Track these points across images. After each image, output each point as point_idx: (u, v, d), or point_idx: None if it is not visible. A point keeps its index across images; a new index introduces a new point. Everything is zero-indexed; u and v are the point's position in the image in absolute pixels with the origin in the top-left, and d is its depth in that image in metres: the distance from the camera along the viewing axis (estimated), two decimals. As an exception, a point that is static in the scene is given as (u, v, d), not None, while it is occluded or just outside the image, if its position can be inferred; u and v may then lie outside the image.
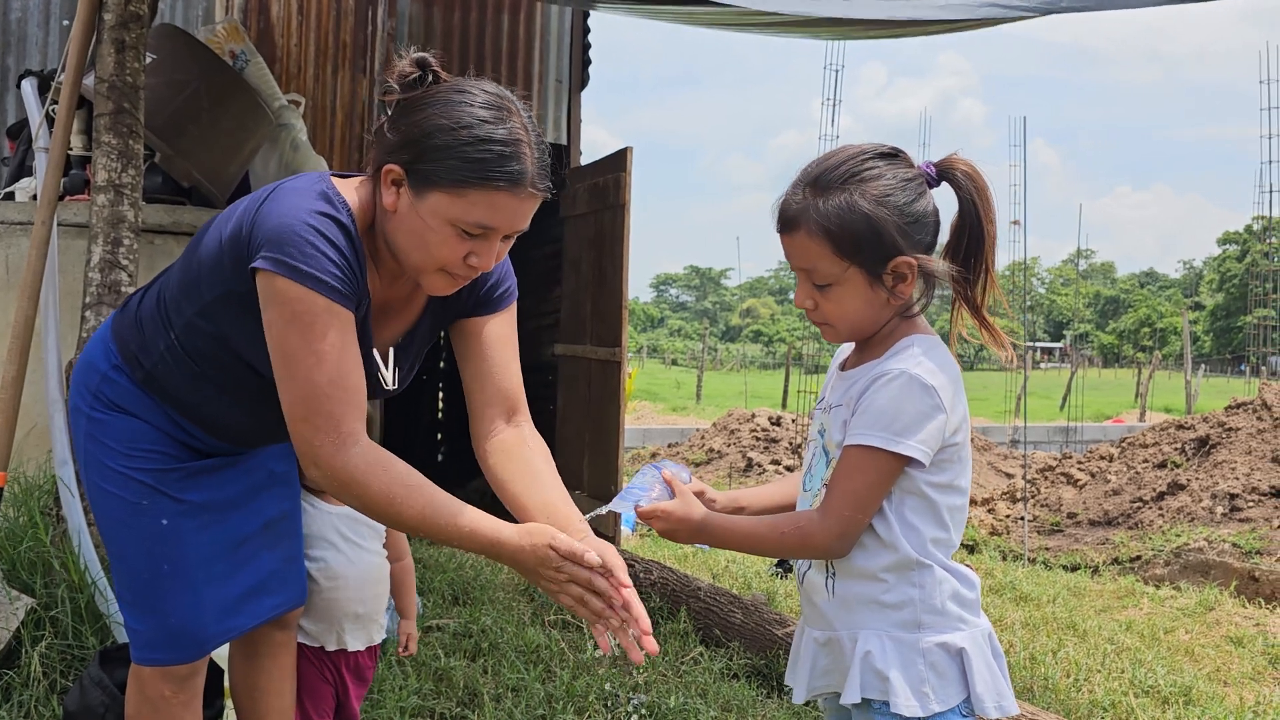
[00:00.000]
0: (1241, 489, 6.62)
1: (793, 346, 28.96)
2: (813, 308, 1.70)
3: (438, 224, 1.64)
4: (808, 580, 1.75)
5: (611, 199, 6.27)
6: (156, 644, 1.94)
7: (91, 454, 1.94)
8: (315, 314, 1.64)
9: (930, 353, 1.64)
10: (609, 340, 6.31)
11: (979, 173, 1.67)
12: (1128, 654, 4.32)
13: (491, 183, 1.62)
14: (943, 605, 1.64)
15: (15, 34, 6.38)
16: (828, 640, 1.71)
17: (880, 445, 1.59)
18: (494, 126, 1.63)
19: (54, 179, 3.20)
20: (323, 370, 1.64)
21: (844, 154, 1.66)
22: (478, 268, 1.70)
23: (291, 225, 1.64)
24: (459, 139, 1.62)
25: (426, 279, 1.73)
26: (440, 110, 1.65)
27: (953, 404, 1.62)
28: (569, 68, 7.17)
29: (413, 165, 1.65)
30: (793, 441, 11.11)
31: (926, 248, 1.65)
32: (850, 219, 1.61)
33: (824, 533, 1.63)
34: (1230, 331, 58.12)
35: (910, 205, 1.63)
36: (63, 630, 2.92)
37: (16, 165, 4.19)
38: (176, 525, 1.91)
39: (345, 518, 2.44)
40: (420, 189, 1.65)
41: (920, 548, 1.64)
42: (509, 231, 1.69)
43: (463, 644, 3.77)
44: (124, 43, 3.21)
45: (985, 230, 1.66)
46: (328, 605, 2.40)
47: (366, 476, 1.64)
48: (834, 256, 1.63)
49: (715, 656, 3.80)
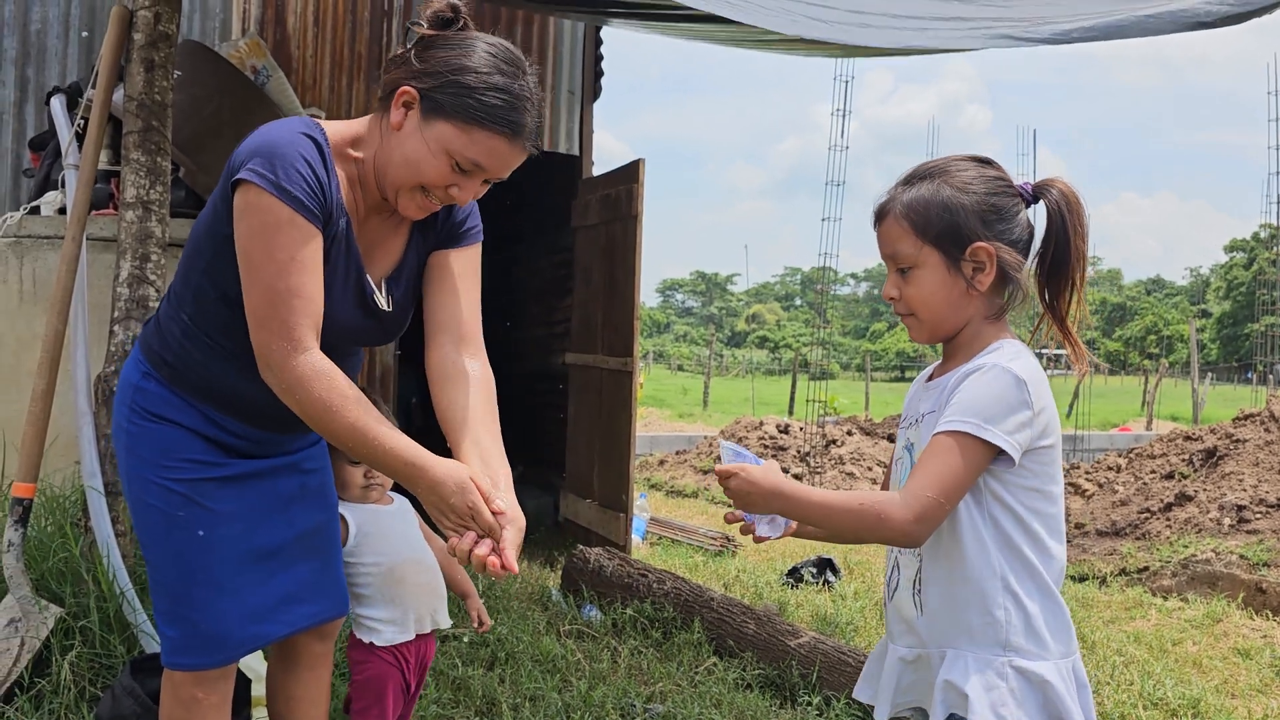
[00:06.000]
0: (1249, 500, 6.64)
1: (799, 352, 29.00)
2: (897, 297, 1.74)
3: (437, 150, 1.80)
4: (897, 598, 1.76)
5: (624, 210, 6.32)
6: (187, 649, 2.01)
7: (132, 468, 2.02)
8: (279, 224, 1.76)
9: (1020, 354, 1.66)
10: (621, 350, 6.36)
11: (1074, 192, 1.70)
12: (1136, 666, 4.36)
13: (497, 127, 1.79)
14: (1031, 629, 1.63)
15: (35, 45, 6.45)
16: (916, 658, 1.73)
17: (969, 431, 1.58)
18: (510, 80, 1.80)
19: (84, 196, 3.27)
20: (282, 278, 1.76)
21: (938, 157, 1.75)
22: (455, 200, 1.86)
23: (270, 141, 1.79)
24: (480, 82, 1.78)
25: (403, 198, 1.87)
26: (467, 52, 1.81)
27: (1044, 404, 1.63)
28: (581, 79, 7.22)
29: (430, 93, 1.80)
30: (801, 449, 11.14)
31: (1010, 244, 1.68)
32: (931, 202, 1.69)
33: (904, 511, 1.57)
34: (1237, 339, 58.00)
35: (992, 197, 1.69)
36: (91, 639, 2.97)
37: (41, 179, 4.25)
38: (210, 536, 1.99)
39: (394, 515, 2.55)
40: (430, 115, 1.80)
41: (1012, 566, 1.63)
42: (494, 175, 1.85)
43: (479, 654, 3.82)
44: (153, 62, 3.28)
45: (1072, 245, 1.69)
46: (413, 590, 2.53)
47: (309, 382, 1.74)
48: (913, 237, 1.70)
49: (729, 667, 3.84)
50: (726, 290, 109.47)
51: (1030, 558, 1.64)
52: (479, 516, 1.68)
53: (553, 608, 4.60)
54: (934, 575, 1.69)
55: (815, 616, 4.92)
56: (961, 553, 1.65)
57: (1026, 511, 1.65)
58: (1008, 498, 1.64)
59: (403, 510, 2.61)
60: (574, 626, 4.24)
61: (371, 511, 2.52)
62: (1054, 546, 1.67)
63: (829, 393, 15.25)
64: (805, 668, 3.73)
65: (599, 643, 4.05)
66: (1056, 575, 1.68)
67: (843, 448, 11.14)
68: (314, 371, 1.75)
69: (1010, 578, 1.64)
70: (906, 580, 1.74)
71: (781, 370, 51.76)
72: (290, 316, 1.75)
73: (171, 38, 3.33)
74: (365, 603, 2.50)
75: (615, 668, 3.79)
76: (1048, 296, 1.72)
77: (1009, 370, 1.61)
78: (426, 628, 2.58)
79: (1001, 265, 1.68)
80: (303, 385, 1.74)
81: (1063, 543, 1.70)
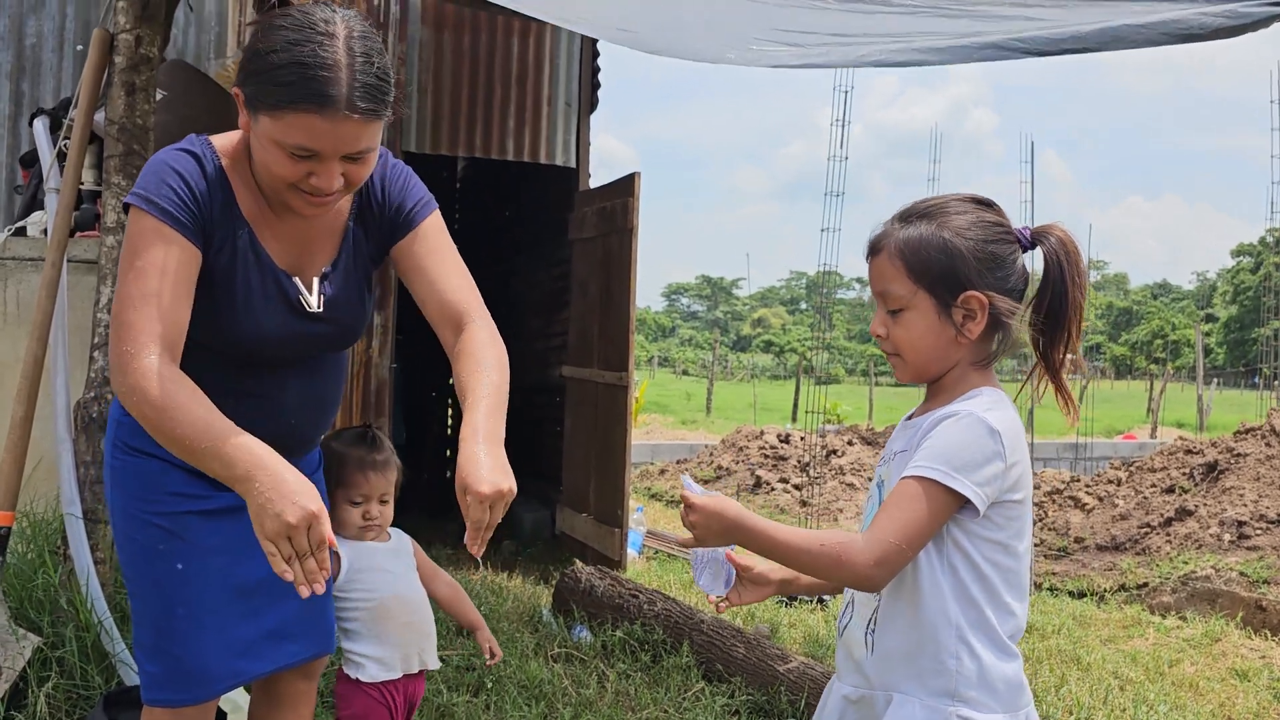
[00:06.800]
0: (1249, 516, 6.59)
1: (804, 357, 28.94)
2: (884, 335, 1.71)
3: (268, 144, 1.72)
4: (848, 633, 1.74)
5: (619, 223, 6.29)
6: (167, 684, 1.97)
7: (115, 502, 2.01)
8: (143, 232, 1.74)
9: (999, 404, 1.63)
10: (616, 364, 6.33)
11: (1073, 240, 1.66)
12: (1131, 689, 4.31)
13: (299, 105, 1.66)
14: (985, 681, 1.59)
15: (30, 59, 6.45)
16: (860, 698, 1.69)
17: (936, 478, 1.55)
18: (303, 49, 1.66)
19: (64, 221, 3.25)
20: (136, 284, 1.73)
21: (938, 196, 1.72)
22: (320, 188, 1.75)
23: (150, 163, 1.80)
24: (271, 62, 1.68)
25: (289, 201, 1.79)
26: (263, 35, 1.72)
27: (1017, 458, 1.60)
28: (578, 91, 7.20)
29: (244, 89, 1.73)
30: (801, 460, 11.10)
31: (1004, 293, 1.65)
32: (927, 243, 1.65)
33: (864, 553, 1.54)
34: (1244, 344, 57.81)
35: (989, 244, 1.65)
36: (69, 670, 2.95)
37: (28, 199, 4.24)
38: (191, 569, 1.96)
39: (388, 552, 2.52)
40: (253, 111, 1.72)
41: (968, 616, 1.60)
42: (335, 154, 1.72)
43: (465, 678, 3.79)
44: (134, 85, 3.26)
45: (1069, 294, 1.64)
46: (401, 629, 2.48)
47: (148, 383, 1.67)
48: (906, 279, 1.66)
49: (717, 692, 3.81)
50: (731, 294, 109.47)
51: (985, 611, 1.61)
52: (295, 541, 1.59)
53: (543, 629, 4.57)
54: (889, 616, 1.66)
55: (808, 638, 4.88)
56: (919, 597, 1.62)
57: (986, 564, 1.61)
58: (969, 548, 1.61)
59: (399, 548, 2.56)
60: (563, 649, 4.20)
61: (367, 547, 2.49)
62: (1012, 603, 1.64)
63: (833, 398, 15.21)
64: (794, 694, 3.69)
65: (587, 666, 4.02)
66: (1013, 631, 1.64)
67: (843, 458, 11.10)
68: (156, 374, 1.68)
69: (965, 628, 1.60)
70: (861, 618, 1.71)
71: (786, 374, 51.70)
72: (137, 319, 1.71)
73: (153, 61, 3.31)
74: (353, 638, 2.47)
75: (603, 693, 3.76)
76: (1042, 345, 1.67)
77: (983, 420, 1.58)
78: (414, 667, 2.54)
79: (993, 313, 1.64)
80: (141, 388, 1.67)
81: (1023, 600, 1.66)
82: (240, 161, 1.86)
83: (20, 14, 6.41)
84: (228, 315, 1.88)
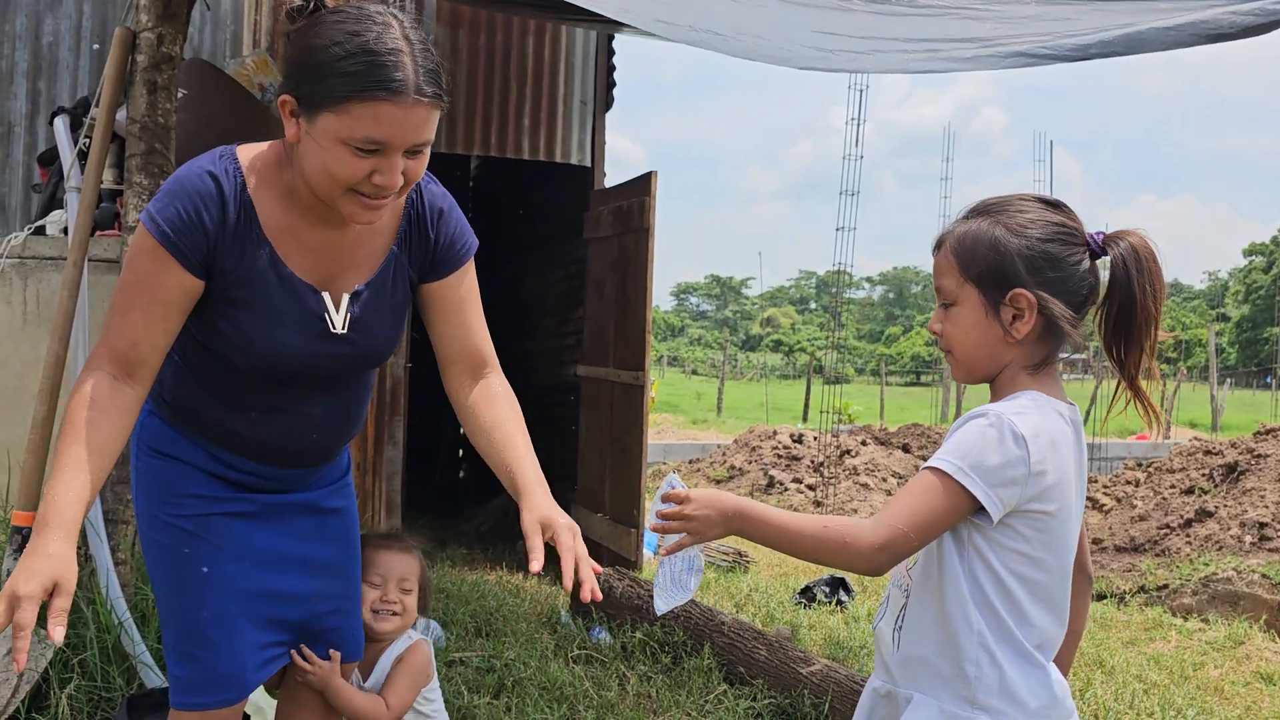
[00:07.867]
0: (1271, 517, 6.53)
1: (814, 356, 28.89)
2: (939, 333, 1.68)
3: (331, 145, 1.67)
4: (878, 631, 1.73)
5: (636, 223, 6.26)
6: (194, 687, 1.96)
7: (140, 504, 2.00)
8: (140, 249, 1.76)
9: (1040, 409, 1.57)
10: (632, 364, 6.30)
11: (1149, 247, 1.58)
12: (1157, 692, 4.27)
13: (370, 93, 1.62)
14: (1005, 690, 1.56)
15: (47, 58, 6.44)
16: (888, 693, 1.69)
17: (948, 471, 1.52)
18: (366, 39, 1.64)
19: (85, 220, 3.23)
20: (120, 296, 1.76)
21: (1008, 194, 1.68)
22: (384, 185, 1.70)
23: (170, 178, 1.78)
24: (332, 55, 1.64)
25: (343, 207, 1.75)
26: (316, 32, 1.69)
27: (1045, 468, 1.53)
28: (593, 90, 7.17)
29: (299, 92, 1.69)
30: (814, 460, 11.06)
31: (1061, 295, 1.58)
32: (979, 239, 1.63)
33: (868, 537, 1.51)
34: (1256, 343, 57.52)
35: (1046, 244, 1.59)
36: (90, 671, 2.94)
37: (48, 198, 4.22)
38: (215, 572, 1.95)
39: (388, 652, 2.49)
40: (310, 114, 1.67)
41: (989, 624, 1.56)
42: (403, 144, 1.68)
43: (486, 680, 3.77)
44: (156, 84, 3.24)
45: (1140, 305, 1.57)
46: None
47: (76, 393, 1.72)
48: (957, 274, 1.64)
49: (739, 695, 3.78)
50: (741, 294, 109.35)
51: (1006, 621, 1.57)
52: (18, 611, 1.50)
53: (561, 630, 4.54)
54: (916, 615, 1.64)
55: (828, 640, 4.85)
56: (943, 600, 1.60)
57: (1009, 574, 1.57)
58: (990, 556, 1.57)
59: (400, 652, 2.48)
60: (583, 651, 4.18)
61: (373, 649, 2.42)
62: (1035, 614, 1.59)
63: (844, 398, 15.15)
64: (817, 697, 3.65)
65: (608, 668, 3.99)
66: (1039, 642, 1.60)
67: (857, 458, 11.05)
68: (85, 386, 1.71)
69: (987, 634, 1.57)
70: (891, 615, 1.70)
71: (796, 374, 51.62)
72: (107, 334, 1.75)
73: (175, 59, 3.29)
74: None
75: (624, 695, 3.73)
76: (1115, 353, 1.61)
77: (1009, 424, 1.53)
78: None
79: (1045, 315, 1.58)
80: (72, 392, 1.73)
81: (1053, 612, 1.61)
82: (269, 176, 1.81)
83: (37, 12, 6.40)
84: (245, 336, 1.84)
